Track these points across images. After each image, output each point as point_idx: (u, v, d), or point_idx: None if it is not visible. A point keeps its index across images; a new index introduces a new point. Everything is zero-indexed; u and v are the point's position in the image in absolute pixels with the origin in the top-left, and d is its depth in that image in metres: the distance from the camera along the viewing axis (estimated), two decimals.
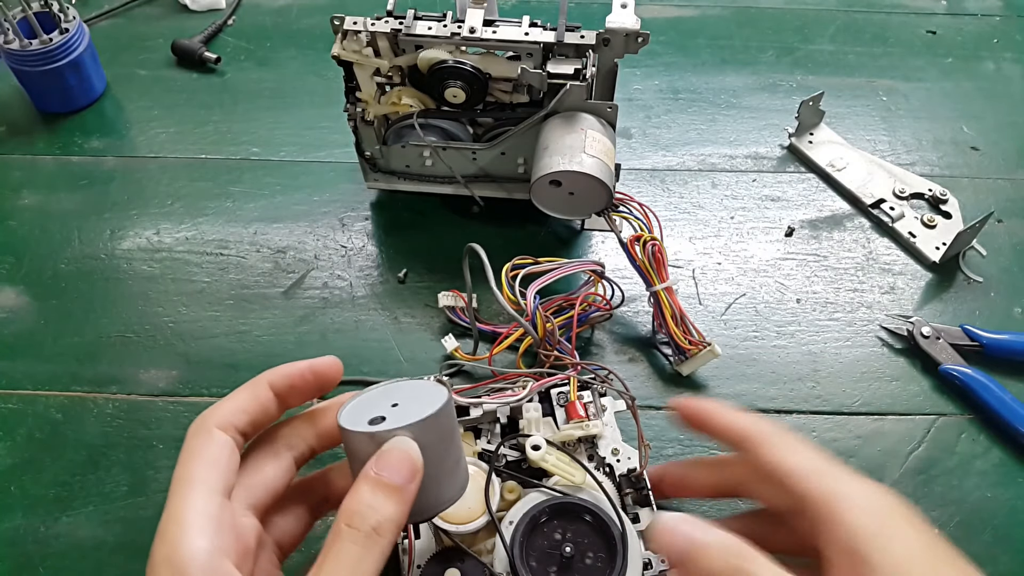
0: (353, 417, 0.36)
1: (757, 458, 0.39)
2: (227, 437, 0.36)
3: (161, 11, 0.83)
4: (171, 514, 0.33)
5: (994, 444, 0.54)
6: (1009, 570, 0.49)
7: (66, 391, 0.57)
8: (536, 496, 0.44)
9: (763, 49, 0.80)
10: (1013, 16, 0.83)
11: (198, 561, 0.31)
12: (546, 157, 0.55)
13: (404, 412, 0.35)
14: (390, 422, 0.34)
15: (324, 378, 0.39)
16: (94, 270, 0.63)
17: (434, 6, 0.59)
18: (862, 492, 0.36)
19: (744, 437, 0.40)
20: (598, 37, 0.54)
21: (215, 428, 0.36)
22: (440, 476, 0.35)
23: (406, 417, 0.34)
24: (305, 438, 0.39)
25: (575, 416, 0.48)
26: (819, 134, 0.71)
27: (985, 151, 0.71)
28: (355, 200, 0.67)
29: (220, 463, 0.35)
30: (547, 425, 0.48)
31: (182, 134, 0.73)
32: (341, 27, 0.56)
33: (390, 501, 0.33)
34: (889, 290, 0.62)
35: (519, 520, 0.43)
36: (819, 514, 0.35)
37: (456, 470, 0.36)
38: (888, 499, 0.36)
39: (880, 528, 0.34)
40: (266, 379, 0.38)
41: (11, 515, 0.51)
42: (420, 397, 0.36)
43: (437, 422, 0.34)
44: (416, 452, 0.34)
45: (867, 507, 0.35)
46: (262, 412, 0.38)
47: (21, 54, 0.69)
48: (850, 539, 0.34)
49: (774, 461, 0.38)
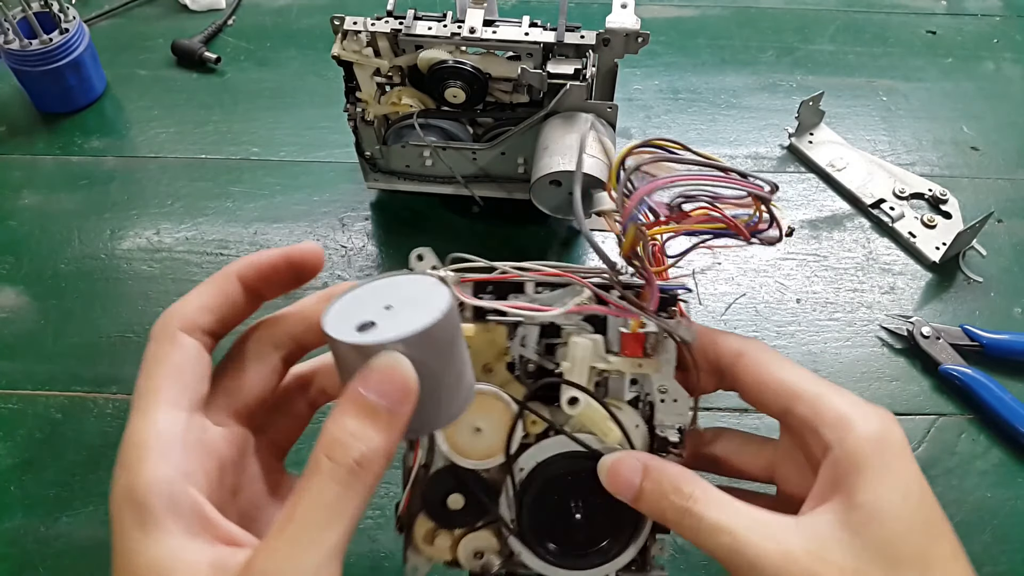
0: (340, 319, 0.30)
1: (753, 373, 0.36)
2: (192, 340, 0.32)
3: (161, 11, 0.83)
4: (130, 436, 0.30)
5: (994, 444, 0.54)
6: (1009, 570, 0.49)
7: (66, 391, 0.57)
8: (556, 444, 0.38)
9: (763, 49, 0.80)
10: (1013, 16, 0.83)
11: (159, 490, 0.28)
12: (546, 157, 0.55)
13: (398, 317, 0.30)
14: (381, 330, 0.29)
15: (301, 267, 0.34)
16: (94, 270, 0.63)
17: (434, 6, 0.59)
18: (864, 418, 0.33)
19: (737, 355, 0.37)
20: (598, 37, 0.54)
21: (179, 331, 0.32)
22: (438, 393, 0.30)
23: (400, 325, 0.29)
24: (292, 334, 0.35)
25: (631, 352, 0.38)
26: (819, 134, 0.71)
27: (985, 151, 0.71)
28: (355, 200, 0.67)
29: (184, 372, 0.31)
30: (595, 344, 0.38)
31: (182, 134, 0.73)
32: (341, 27, 0.56)
33: (377, 429, 0.28)
34: (889, 290, 0.62)
35: (532, 471, 0.38)
36: (820, 431, 0.33)
37: (458, 385, 0.31)
38: (889, 432, 0.33)
39: (876, 462, 0.32)
40: (234, 270, 0.34)
41: (11, 515, 0.51)
42: (418, 299, 0.31)
43: (434, 334, 0.29)
44: (409, 370, 0.28)
45: (866, 435, 0.33)
46: (231, 308, 0.34)
47: (21, 54, 0.69)
48: (839, 468, 0.32)
49: (774, 378, 0.35)
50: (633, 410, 0.38)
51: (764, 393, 0.36)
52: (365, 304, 0.31)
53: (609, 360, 0.38)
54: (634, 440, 0.38)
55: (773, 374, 0.35)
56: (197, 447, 0.31)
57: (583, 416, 0.37)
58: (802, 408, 0.34)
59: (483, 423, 0.37)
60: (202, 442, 0.31)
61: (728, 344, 0.37)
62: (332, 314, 0.31)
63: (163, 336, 0.32)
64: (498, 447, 0.38)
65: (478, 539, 0.40)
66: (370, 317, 0.30)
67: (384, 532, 0.50)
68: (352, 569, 0.49)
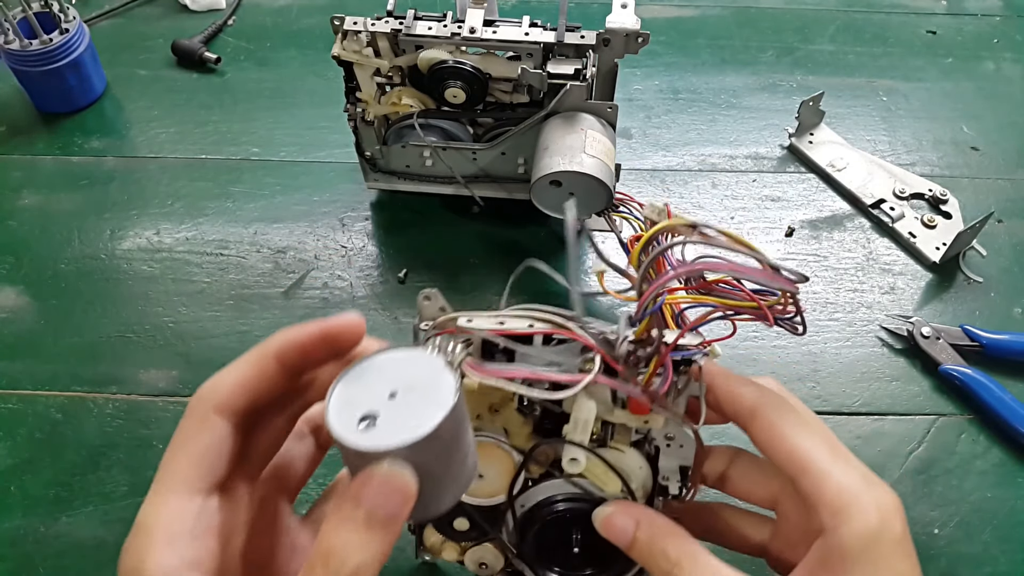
0: (343, 404, 0.30)
1: (765, 437, 0.35)
2: (223, 423, 0.32)
3: (161, 11, 0.83)
4: (142, 519, 0.30)
5: (994, 444, 0.54)
6: (1009, 570, 0.49)
7: (66, 391, 0.57)
8: (557, 485, 0.38)
9: (763, 49, 0.80)
10: (1013, 16, 0.83)
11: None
12: (546, 157, 0.55)
13: (402, 410, 0.29)
14: (383, 428, 0.29)
15: (340, 343, 0.34)
16: (94, 270, 0.63)
17: (434, 6, 0.59)
18: (863, 511, 0.33)
19: (752, 413, 0.36)
20: (598, 37, 0.54)
21: (212, 412, 0.32)
22: (441, 484, 0.30)
23: (403, 422, 0.29)
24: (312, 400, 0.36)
25: (638, 411, 0.37)
26: (819, 134, 0.71)
27: (985, 151, 0.71)
28: (355, 200, 0.67)
29: (208, 455, 0.32)
30: (601, 404, 0.36)
31: (182, 134, 0.73)
32: (341, 27, 0.56)
33: (373, 536, 0.28)
34: (889, 290, 0.62)
35: (533, 507, 0.39)
36: (819, 510, 0.33)
37: (460, 471, 0.31)
38: (886, 528, 0.33)
39: (864, 560, 0.32)
40: (272, 351, 0.33)
41: (11, 515, 0.51)
42: (423, 386, 0.30)
43: (438, 435, 0.29)
44: (408, 479, 0.28)
45: (861, 531, 0.32)
46: (267, 387, 0.34)
47: (21, 54, 0.69)
48: (830, 555, 0.32)
49: (785, 445, 0.34)
50: (637, 452, 0.38)
51: (774, 457, 0.35)
52: (370, 386, 0.30)
53: (615, 414, 0.37)
54: (637, 479, 0.38)
55: (785, 440, 0.35)
56: (207, 533, 0.31)
57: (584, 467, 0.37)
58: (806, 483, 0.34)
59: (487, 470, 0.38)
60: (212, 527, 0.32)
61: (743, 401, 0.36)
62: (336, 399, 0.30)
63: (195, 414, 0.32)
64: (501, 488, 0.38)
65: (483, 552, 0.41)
66: (374, 407, 0.29)
67: None
68: None
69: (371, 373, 0.31)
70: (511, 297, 0.61)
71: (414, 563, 0.47)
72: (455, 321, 0.35)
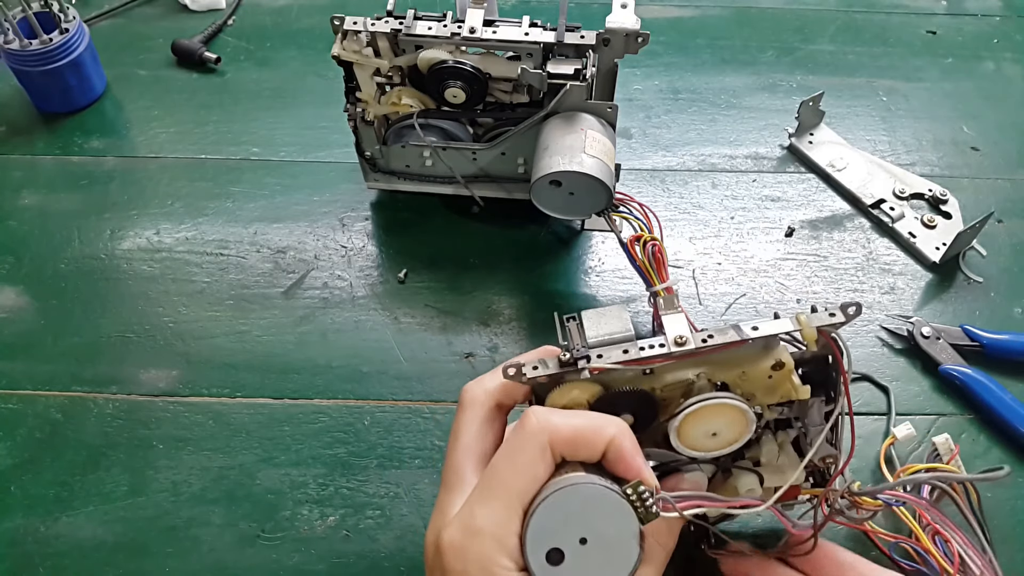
0: (541, 528, 0.33)
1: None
2: (552, 461, 0.35)
3: (161, 11, 0.83)
4: (482, 524, 0.34)
5: (994, 444, 0.54)
6: (1009, 570, 0.49)
7: (66, 391, 0.57)
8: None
9: (763, 49, 0.80)
10: (1013, 16, 0.83)
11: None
12: (546, 157, 0.55)
13: (587, 563, 0.33)
14: (566, 572, 0.33)
15: None
16: (94, 270, 0.63)
17: (434, 6, 0.59)
18: None
19: None
20: (598, 37, 0.54)
21: (548, 448, 0.35)
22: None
23: (587, 574, 0.33)
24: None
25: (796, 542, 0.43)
26: (819, 134, 0.71)
27: (985, 151, 0.71)
28: (355, 200, 0.67)
29: (540, 483, 0.35)
30: None
31: (182, 134, 0.73)
32: (341, 27, 0.56)
33: None
34: (889, 290, 0.62)
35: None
36: None
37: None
38: None
39: None
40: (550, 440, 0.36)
41: (11, 515, 0.51)
42: (612, 542, 0.34)
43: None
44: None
45: None
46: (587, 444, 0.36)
47: (21, 54, 0.69)
48: None
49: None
50: None
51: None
52: (568, 520, 0.33)
53: None
54: None
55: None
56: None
57: None
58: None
59: None
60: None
61: None
62: (537, 519, 0.33)
63: (536, 443, 0.35)
64: None
65: None
66: (565, 544, 0.33)
67: (384, 532, 0.50)
68: (352, 569, 0.49)
69: (571, 507, 0.34)
70: (509, 295, 0.61)
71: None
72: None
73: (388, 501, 0.52)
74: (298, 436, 0.55)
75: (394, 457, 0.54)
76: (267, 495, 0.52)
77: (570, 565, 0.33)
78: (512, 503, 0.34)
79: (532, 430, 0.35)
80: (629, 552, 0.33)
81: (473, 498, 0.35)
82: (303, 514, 0.51)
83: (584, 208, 0.57)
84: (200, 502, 0.52)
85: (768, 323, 0.38)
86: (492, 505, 0.34)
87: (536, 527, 0.33)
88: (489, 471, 0.36)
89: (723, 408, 0.38)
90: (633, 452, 0.35)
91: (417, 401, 0.56)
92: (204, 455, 0.54)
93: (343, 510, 0.51)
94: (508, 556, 0.33)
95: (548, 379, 0.38)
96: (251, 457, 0.54)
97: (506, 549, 0.33)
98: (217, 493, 0.52)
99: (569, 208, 0.58)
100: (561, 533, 0.33)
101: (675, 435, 0.39)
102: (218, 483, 0.53)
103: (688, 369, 0.39)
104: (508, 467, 0.35)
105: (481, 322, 0.60)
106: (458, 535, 0.34)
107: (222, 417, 0.55)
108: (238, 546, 0.50)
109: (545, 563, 0.33)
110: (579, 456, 0.36)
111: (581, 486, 0.34)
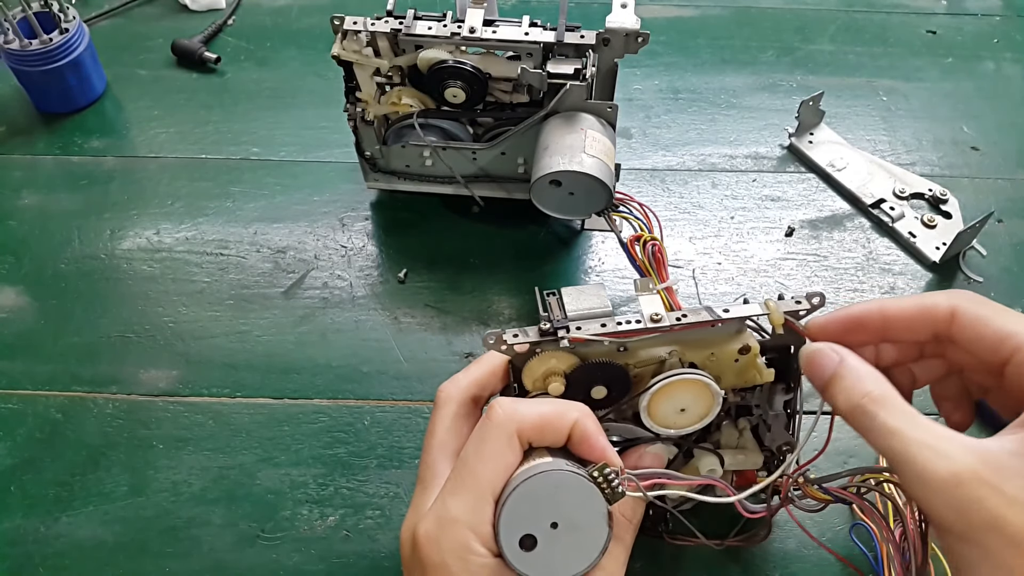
0: (513, 516, 0.34)
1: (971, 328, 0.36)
2: (520, 449, 0.36)
3: (161, 11, 0.83)
4: (456, 514, 0.35)
5: None
6: None
7: (66, 391, 0.57)
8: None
9: (763, 49, 0.80)
10: (1013, 16, 0.83)
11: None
12: (546, 157, 0.55)
13: (558, 544, 0.34)
14: (539, 556, 0.34)
15: None
16: (94, 270, 0.63)
17: (434, 6, 0.59)
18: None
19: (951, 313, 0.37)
20: (598, 37, 0.54)
21: (515, 436, 0.36)
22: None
23: (556, 558, 0.34)
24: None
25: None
26: (819, 134, 0.71)
27: (985, 151, 0.71)
28: (355, 200, 0.67)
29: (508, 473, 0.36)
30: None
31: (182, 134, 0.73)
32: (341, 27, 0.56)
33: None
34: (889, 290, 0.62)
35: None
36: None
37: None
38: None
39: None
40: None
41: (11, 515, 0.51)
42: (583, 526, 0.35)
43: None
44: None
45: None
46: (555, 428, 0.37)
47: (21, 54, 0.69)
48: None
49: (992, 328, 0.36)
50: None
51: (985, 344, 0.36)
52: (538, 506, 0.34)
53: None
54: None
55: (991, 324, 0.36)
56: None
57: None
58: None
59: None
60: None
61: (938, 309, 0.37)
62: (508, 510, 0.34)
63: (503, 434, 0.36)
64: None
65: None
66: (537, 530, 0.34)
67: (384, 532, 0.50)
68: (352, 569, 0.49)
69: (540, 494, 0.35)
70: (509, 295, 0.61)
71: None
72: None
73: (388, 501, 0.52)
74: (298, 436, 0.55)
75: (394, 457, 0.54)
76: (267, 495, 0.52)
77: (543, 550, 0.34)
78: (483, 492, 0.35)
79: (498, 420, 0.36)
80: (599, 533, 0.35)
81: (446, 490, 0.36)
82: (303, 514, 0.51)
83: (584, 208, 0.57)
84: (200, 502, 0.52)
85: (739, 307, 0.40)
86: (464, 496, 0.35)
87: (508, 515, 0.34)
88: (460, 463, 0.36)
89: (691, 384, 0.40)
90: (596, 433, 0.37)
91: (417, 401, 0.56)
92: (204, 455, 0.54)
93: (343, 510, 0.51)
94: (483, 544, 0.34)
95: (528, 348, 0.39)
96: (251, 457, 0.54)
97: (480, 537, 0.34)
98: (217, 493, 0.52)
99: (569, 208, 0.58)
100: (532, 519, 0.34)
101: (645, 411, 0.41)
102: (218, 483, 0.53)
103: (661, 347, 0.41)
104: (477, 458, 0.36)
105: (481, 322, 0.60)
106: (433, 527, 0.35)
107: (222, 417, 0.55)
108: (238, 546, 0.50)
109: (519, 549, 0.34)
110: (545, 441, 0.37)
111: (549, 473, 0.35)
